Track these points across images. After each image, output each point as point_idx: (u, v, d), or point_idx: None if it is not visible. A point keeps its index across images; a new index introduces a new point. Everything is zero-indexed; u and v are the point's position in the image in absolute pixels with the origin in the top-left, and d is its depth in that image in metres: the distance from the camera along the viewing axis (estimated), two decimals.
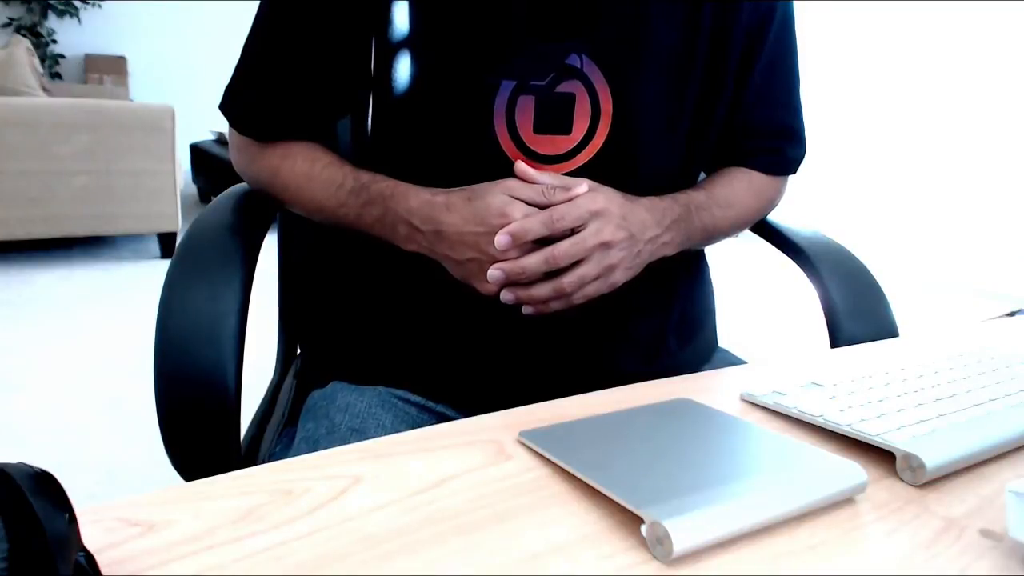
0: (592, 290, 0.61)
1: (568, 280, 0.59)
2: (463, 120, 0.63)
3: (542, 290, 0.60)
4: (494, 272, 0.59)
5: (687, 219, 0.68)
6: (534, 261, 0.58)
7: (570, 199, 0.59)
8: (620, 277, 0.62)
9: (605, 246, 0.59)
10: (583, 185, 0.60)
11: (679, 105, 0.67)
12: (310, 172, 0.68)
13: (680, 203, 0.67)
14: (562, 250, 0.58)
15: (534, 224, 0.58)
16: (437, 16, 0.63)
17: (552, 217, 0.58)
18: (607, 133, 0.64)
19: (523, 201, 0.59)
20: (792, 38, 0.75)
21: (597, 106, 0.64)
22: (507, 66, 0.62)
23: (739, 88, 0.72)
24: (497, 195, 0.59)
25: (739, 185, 0.76)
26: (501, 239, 0.57)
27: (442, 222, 0.60)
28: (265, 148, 0.70)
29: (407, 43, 0.64)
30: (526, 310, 0.62)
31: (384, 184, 0.64)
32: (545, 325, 0.64)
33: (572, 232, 0.59)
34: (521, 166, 0.61)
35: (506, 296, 0.60)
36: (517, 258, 0.59)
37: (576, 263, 0.59)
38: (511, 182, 0.60)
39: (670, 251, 0.67)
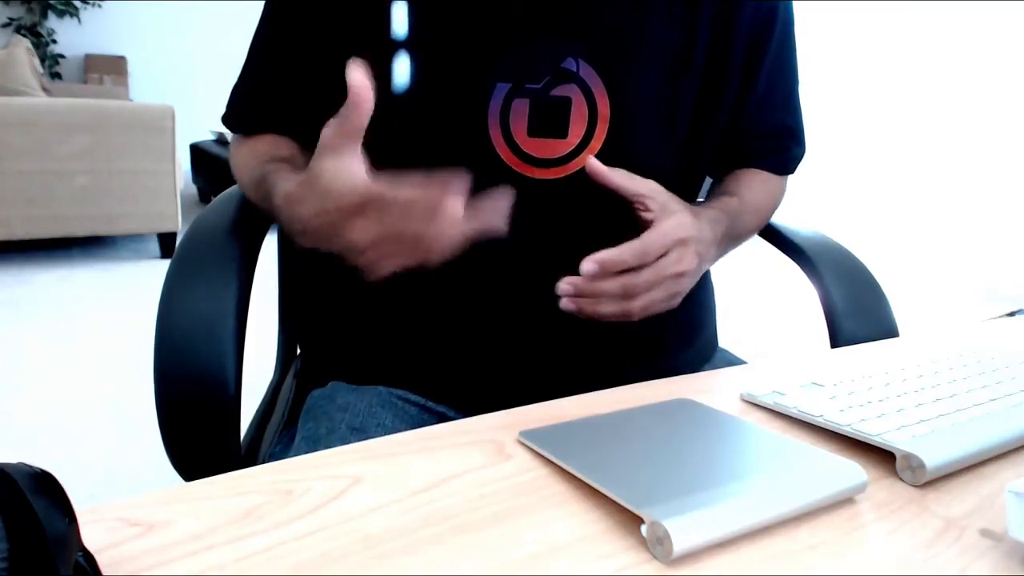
0: (654, 311, 0.59)
1: (637, 304, 0.58)
2: (457, 122, 0.63)
3: (609, 309, 0.58)
4: (565, 287, 0.56)
5: (730, 229, 0.68)
6: (611, 288, 0.56)
7: (656, 231, 0.57)
8: (679, 301, 0.61)
9: (680, 275, 0.58)
10: (657, 196, 0.59)
11: (677, 108, 0.67)
12: (245, 162, 0.68)
13: (726, 214, 0.67)
14: (644, 278, 0.57)
15: (627, 257, 0.56)
16: (433, 18, 0.63)
17: (646, 250, 0.56)
18: (604, 137, 0.64)
19: (342, 142, 0.48)
20: (792, 38, 0.75)
21: (594, 110, 0.63)
22: (502, 69, 0.62)
23: (743, 89, 0.72)
24: (326, 174, 0.48)
25: (761, 188, 0.76)
26: (589, 267, 0.55)
27: (298, 218, 0.51)
28: (235, 140, 0.71)
29: (401, 44, 0.64)
30: (577, 312, 0.59)
31: (273, 176, 0.59)
32: (545, 325, 0.64)
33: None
34: (593, 162, 0.59)
35: (567, 304, 0.58)
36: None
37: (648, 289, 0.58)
38: (323, 135, 0.48)
39: (714, 263, 0.67)
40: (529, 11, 0.62)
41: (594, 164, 0.60)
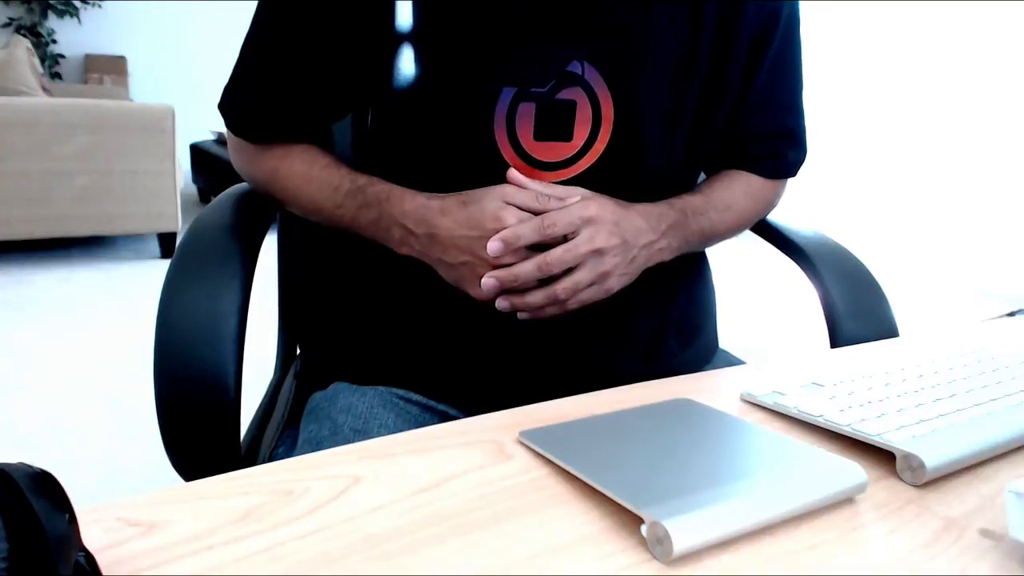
0: (587, 296, 0.61)
1: (562, 287, 0.59)
2: (463, 126, 0.63)
3: (536, 297, 0.60)
4: (488, 280, 0.59)
5: (683, 224, 0.68)
6: (527, 268, 0.59)
7: (564, 206, 0.59)
8: (615, 283, 0.62)
9: (598, 253, 0.59)
10: (576, 194, 0.61)
11: (681, 110, 0.67)
12: (308, 173, 0.68)
13: (676, 208, 0.67)
14: (554, 256, 0.58)
15: (526, 230, 0.58)
16: (438, 22, 0.63)
17: (544, 223, 0.58)
18: (608, 139, 0.64)
19: (518, 207, 0.59)
20: (797, 40, 0.75)
21: (598, 113, 0.64)
22: (508, 73, 0.62)
23: (743, 91, 0.72)
24: (492, 200, 0.59)
25: (737, 188, 0.76)
26: (493, 245, 0.58)
27: (436, 225, 0.60)
28: (263, 149, 0.70)
29: (407, 47, 0.64)
30: (521, 315, 0.62)
31: (380, 187, 0.64)
32: (546, 326, 0.64)
33: (565, 239, 0.59)
34: (513, 173, 0.62)
35: (501, 303, 0.61)
36: (511, 265, 0.59)
37: (570, 270, 0.59)
38: (507, 188, 0.61)
39: (667, 256, 0.67)
40: (535, 15, 0.62)
41: (514, 174, 0.61)
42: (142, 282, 2.90)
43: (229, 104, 0.69)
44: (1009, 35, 3.41)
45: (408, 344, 0.68)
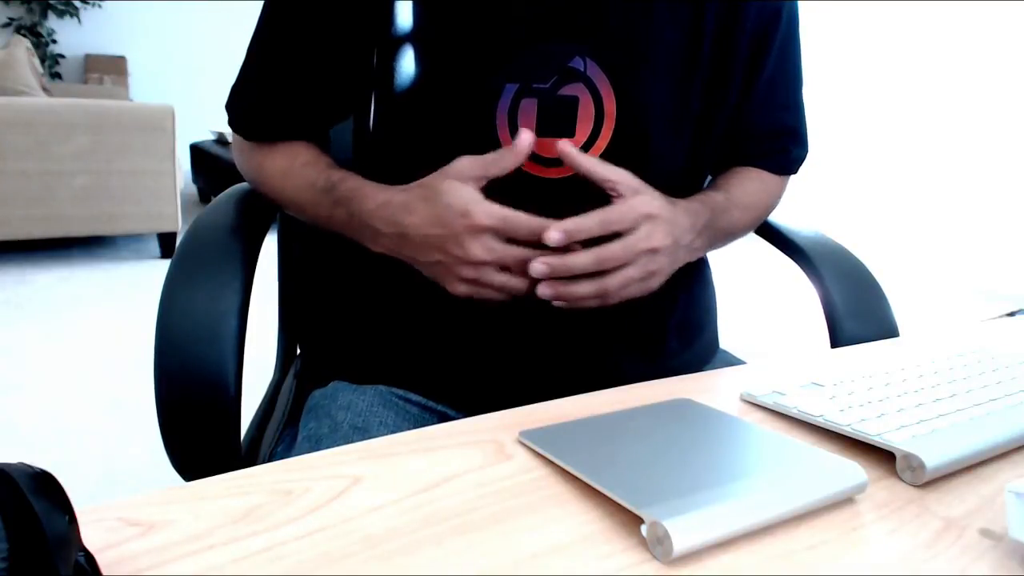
0: (631, 292, 0.60)
1: (613, 281, 0.58)
2: (466, 123, 0.63)
3: (585, 288, 0.58)
4: (538, 266, 0.57)
5: (713, 223, 0.67)
6: (584, 261, 0.57)
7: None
8: (656, 282, 0.61)
9: (653, 251, 0.58)
10: (629, 180, 0.59)
11: (684, 106, 0.67)
12: (288, 169, 0.67)
13: (708, 206, 0.67)
14: (614, 252, 0.57)
15: (591, 224, 0.57)
16: (440, 18, 0.63)
17: (610, 219, 0.57)
18: (611, 135, 0.64)
19: (475, 177, 0.57)
20: (797, 38, 0.75)
21: (601, 109, 0.64)
22: (510, 69, 0.62)
23: (746, 89, 0.72)
24: (455, 194, 0.57)
25: (753, 186, 0.76)
26: (554, 235, 0.56)
27: (404, 224, 0.59)
28: (254, 146, 0.70)
29: (409, 45, 0.64)
30: (558, 304, 0.60)
31: (350, 183, 0.63)
32: (546, 326, 0.64)
33: (620, 233, 0.58)
34: (562, 145, 0.60)
35: (544, 291, 0.59)
36: (565, 255, 0.57)
37: (621, 264, 0.58)
38: (458, 165, 0.58)
39: (698, 256, 0.67)
40: (537, 11, 0.62)
41: (565, 147, 0.60)
42: (142, 282, 2.90)
43: (233, 103, 0.70)
44: (1009, 35, 3.41)
45: (408, 344, 0.68)
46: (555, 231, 0.56)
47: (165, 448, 0.55)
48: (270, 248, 0.76)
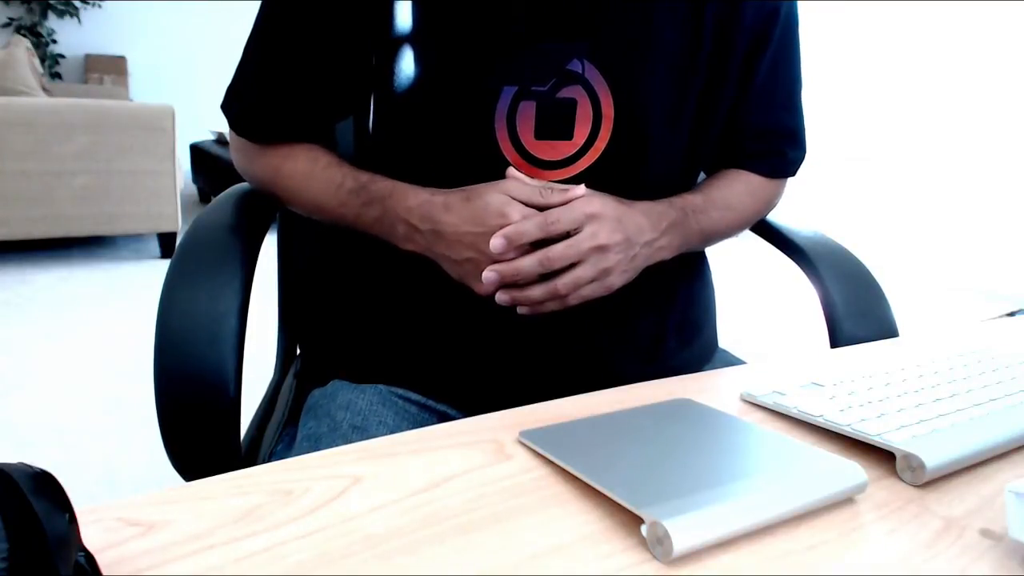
0: (588, 292, 0.61)
1: (563, 282, 0.59)
2: (464, 125, 0.63)
3: (537, 292, 0.60)
4: (489, 274, 0.59)
5: (684, 223, 0.68)
6: (529, 263, 0.59)
7: (566, 201, 0.59)
8: (616, 280, 0.62)
9: (601, 249, 0.59)
10: (580, 188, 0.61)
11: (681, 108, 0.67)
12: (310, 172, 0.68)
13: (676, 207, 0.67)
14: (557, 252, 0.58)
15: (529, 227, 0.58)
16: (439, 20, 0.63)
17: (547, 220, 0.58)
18: (609, 138, 0.64)
19: (520, 202, 0.59)
20: (796, 39, 0.75)
21: (599, 111, 0.64)
22: (508, 72, 0.62)
23: (742, 90, 0.72)
24: (495, 195, 0.59)
25: (737, 187, 0.76)
26: (496, 241, 0.58)
27: (440, 221, 0.60)
28: (266, 149, 0.70)
29: (408, 47, 0.64)
30: (521, 310, 0.62)
31: (383, 184, 0.65)
32: (545, 326, 0.64)
33: (568, 235, 0.59)
34: (512, 172, 0.62)
35: (501, 297, 0.61)
36: (513, 260, 0.59)
37: (572, 266, 0.59)
38: (509, 183, 0.61)
39: (667, 255, 0.67)
40: (535, 13, 0.62)
41: (513, 172, 0.62)
42: (142, 282, 2.90)
43: (232, 105, 0.70)
44: (1010, 35, 3.41)
45: (408, 344, 0.68)
46: (496, 237, 0.58)
47: (165, 448, 0.55)
48: (270, 248, 0.76)
